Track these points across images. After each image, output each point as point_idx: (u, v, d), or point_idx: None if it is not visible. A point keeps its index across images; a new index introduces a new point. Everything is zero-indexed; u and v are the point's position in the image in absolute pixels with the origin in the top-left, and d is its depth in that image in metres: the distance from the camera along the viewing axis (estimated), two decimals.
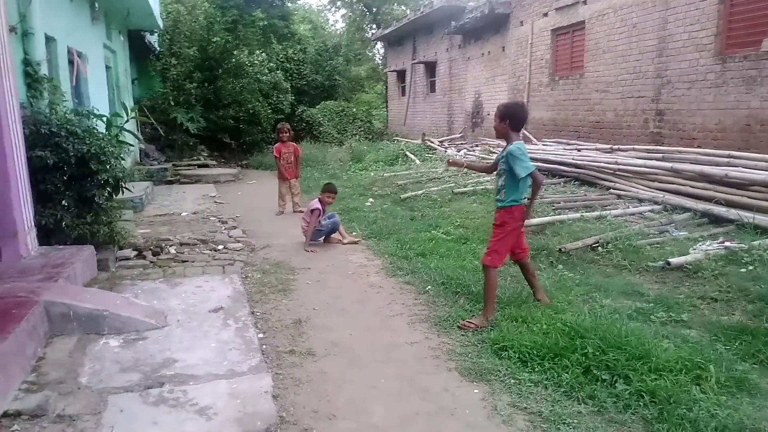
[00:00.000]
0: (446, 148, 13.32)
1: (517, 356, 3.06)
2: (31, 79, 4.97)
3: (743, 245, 4.55)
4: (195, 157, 13.44)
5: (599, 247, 4.90)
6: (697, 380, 2.72)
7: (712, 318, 3.55)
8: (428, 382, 2.90)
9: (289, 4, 15.58)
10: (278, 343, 3.31)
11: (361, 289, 4.37)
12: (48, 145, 4.26)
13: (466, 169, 7.45)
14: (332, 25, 34.12)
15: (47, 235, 4.32)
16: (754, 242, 4.59)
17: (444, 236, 5.79)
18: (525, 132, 11.97)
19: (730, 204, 5.52)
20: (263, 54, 16.84)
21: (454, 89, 16.91)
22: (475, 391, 2.80)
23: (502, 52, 14.13)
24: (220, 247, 5.38)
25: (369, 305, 4.02)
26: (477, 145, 12.89)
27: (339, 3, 31.01)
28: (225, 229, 6.30)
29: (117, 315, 3.27)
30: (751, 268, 4.18)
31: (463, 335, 3.43)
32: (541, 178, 3.58)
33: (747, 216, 5.14)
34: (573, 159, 8.12)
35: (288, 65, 19.82)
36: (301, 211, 7.00)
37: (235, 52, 14.73)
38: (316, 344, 3.31)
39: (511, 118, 3.56)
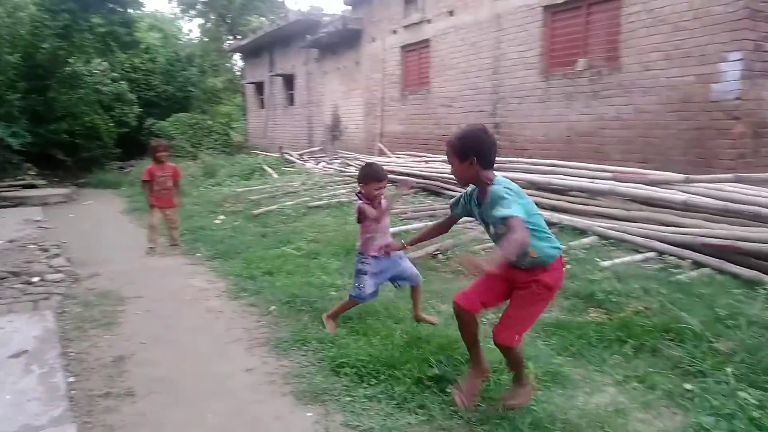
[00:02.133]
0: (305, 161, 13.25)
1: (354, 372, 3.03)
2: None
3: (563, 246, 4.99)
4: (19, 177, 11.95)
5: (440, 255, 5.10)
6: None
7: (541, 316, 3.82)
8: (260, 411, 2.76)
9: (131, 11, 14.51)
10: (92, 385, 2.96)
11: (198, 316, 4.10)
12: None
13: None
14: (187, 34, 32.61)
15: None
16: (572, 243, 5.08)
17: (294, 252, 5.67)
18: (381, 146, 12.29)
19: (553, 208, 6.06)
20: (104, 63, 15.54)
21: (312, 102, 16.91)
22: (309, 414, 2.72)
23: (357, 67, 14.41)
24: (36, 279, 4.76)
25: (205, 333, 3.77)
26: (336, 158, 12.98)
27: (193, 12, 29.66)
28: (45, 258, 5.60)
29: None
30: (568, 266, 4.59)
31: (303, 355, 3.34)
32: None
33: (567, 219, 5.68)
34: (420, 170, 8.46)
35: (135, 75, 18.52)
36: (177, 245, 6.25)
37: (69, 60, 13.39)
38: (137, 383, 3.01)
39: (477, 154, 2.49)
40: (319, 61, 16.27)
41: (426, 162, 9.22)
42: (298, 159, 13.52)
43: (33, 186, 11.37)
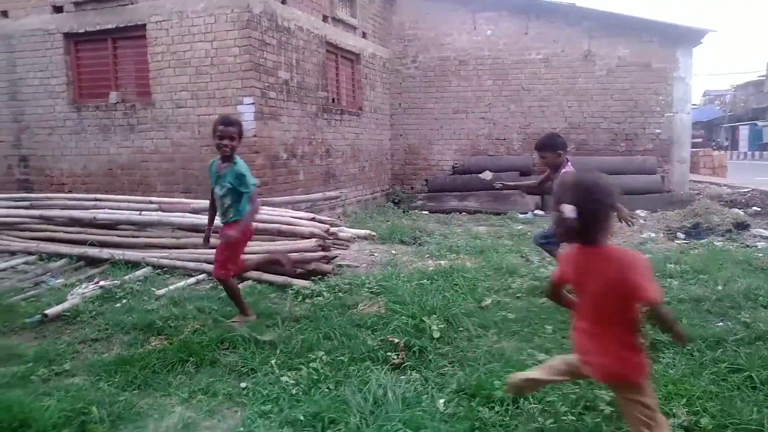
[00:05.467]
0: None
1: None
2: None
3: (116, 281, 4.91)
4: None
5: None
6: (83, 427, 2.73)
7: (95, 358, 3.65)
8: None
9: None
10: None
11: None
12: None
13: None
14: None
15: None
16: (126, 277, 5.03)
17: None
18: None
19: (103, 244, 5.83)
20: None
21: None
22: None
23: None
24: None
25: None
26: None
27: None
28: None
29: None
30: (125, 301, 4.55)
31: None
32: None
33: (118, 253, 5.57)
34: None
35: None
36: None
37: None
38: None
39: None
40: None
41: None
42: None
43: None
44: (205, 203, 6.19)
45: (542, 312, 4.10)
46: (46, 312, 4.21)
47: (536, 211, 10.08)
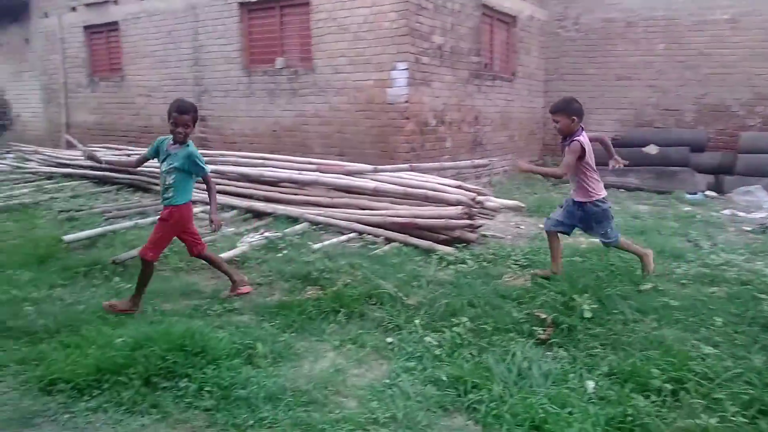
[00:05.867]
0: None
1: (70, 387, 2.77)
2: None
3: (279, 234, 5.36)
4: None
5: None
6: (249, 360, 3.06)
7: (259, 300, 4.05)
8: None
9: None
10: None
11: None
12: None
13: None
14: None
15: None
16: (287, 230, 5.47)
17: None
18: (70, 137, 10.81)
19: (267, 199, 6.38)
20: None
21: None
22: None
23: (27, 45, 12.29)
24: None
25: None
26: (8, 152, 10.88)
27: None
28: None
29: None
30: (285, 252, 4.96)
31: (1, 381, 2.88)
32: None
33: (280, 208, 6.07)
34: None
35: None
36: None
37: None
38: None
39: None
40: None
41: (128, 155, 8.53)
42: None
43: None
44: (357, 166, 6.47)
45: (712, 302, 3.71)
46: (222, 255, 4.73)
47: (707, 192, 9.01)
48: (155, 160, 4.00)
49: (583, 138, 3.87)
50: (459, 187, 5.61)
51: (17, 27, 12.37)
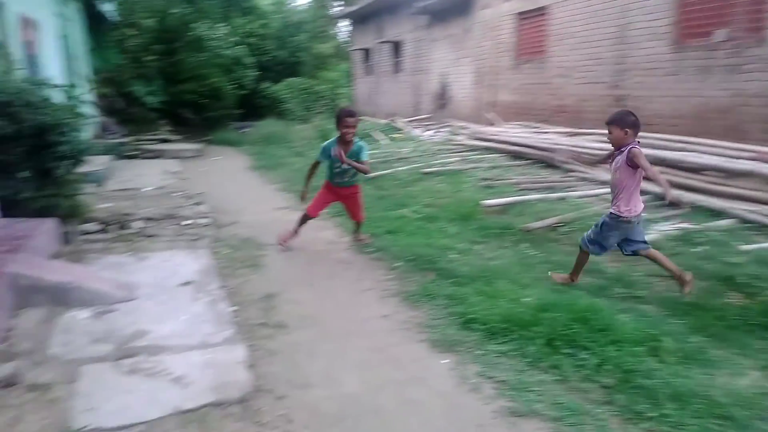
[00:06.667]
0: (412, 128, 13.38)
1: (484, 329, 3.17)
2: None
3: (697, 226, 4.79)
4: (156, 132, 13.07)
5: (561, 227, 5.06)
6: (654, 352, 2.88)
7: (668, 295, 3.74)
8: (399, 352, 2.98)
9: None
10: (250, 315, 3.33)
11: (330, 265, 4.41)
12: (3, 114, 4.09)
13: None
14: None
15: (7, 207, 4.18)
16: (708, 224, 4.84)
17: (412, 215, 5.86)
18: (492, 115, 12.15)
19: (685, 187, 5.77)
20: (225, 28, 16.42)
21: (419, 70, 16.90)
22: (444, 361, 2.90)
23: (467, 35, 14.20)
24: (187, 222, 5.31)
25: (339, 280, 4.06)
26: (444, 127, 12.99)
27: None
28: (190, 204, 6.20)
29: (85, 287, 3.21)
30: (703, 248, 4.41)
31: (433, 308, 3.53)
32: None
33: (701, 199, 5.40)
34: (536, 142, 8.29)
35: (250, 40, 19.39)
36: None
37: (192, 25, 14.28)
38: (287, 317, 3.34)
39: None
40: (428, 28, 16.16)
41: (542, 133, 9.03)
42: (406, 126, 13.67)
43: (168, 141, 12.39)
44: None
45: None
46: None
47: None
48: None
49: (636, 149, 3.57)
50: None
51: (461, 19, 14.38)
